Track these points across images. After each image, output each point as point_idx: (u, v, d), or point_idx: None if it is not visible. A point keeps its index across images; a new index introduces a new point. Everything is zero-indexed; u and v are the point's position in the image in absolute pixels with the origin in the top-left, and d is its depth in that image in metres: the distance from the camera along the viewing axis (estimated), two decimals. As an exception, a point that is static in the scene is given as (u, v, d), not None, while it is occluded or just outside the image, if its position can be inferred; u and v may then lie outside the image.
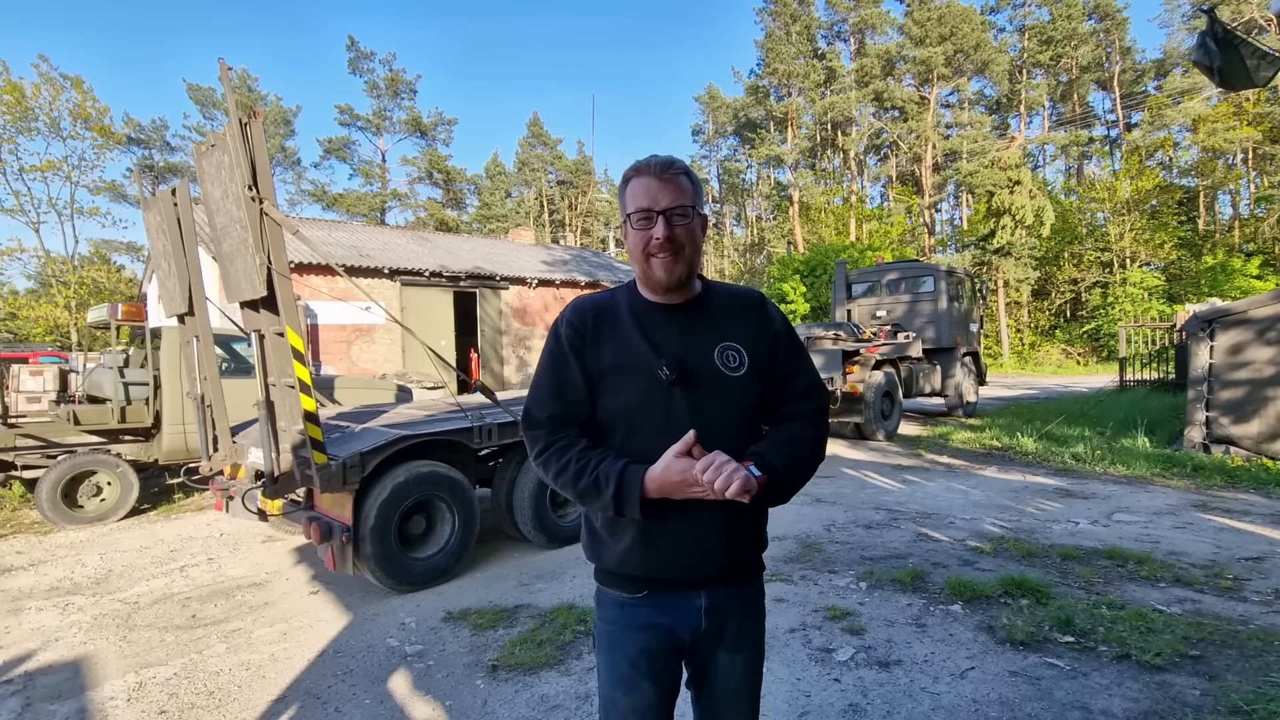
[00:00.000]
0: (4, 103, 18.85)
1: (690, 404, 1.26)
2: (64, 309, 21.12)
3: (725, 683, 1.37)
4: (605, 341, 1.32)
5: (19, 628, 3.85)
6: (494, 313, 16.58)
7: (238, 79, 38.29)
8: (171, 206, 4.63)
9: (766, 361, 1.34)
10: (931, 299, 11.83)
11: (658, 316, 1.33)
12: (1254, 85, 4.51)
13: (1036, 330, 32.03)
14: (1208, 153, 31.39)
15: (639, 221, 1.27)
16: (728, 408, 1.30)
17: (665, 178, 1.26)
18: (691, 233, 1.28)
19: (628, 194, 1.30)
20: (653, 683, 1.33)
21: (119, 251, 34.87)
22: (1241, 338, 7.17)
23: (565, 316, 1.37)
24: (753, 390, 1.32)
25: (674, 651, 1.36)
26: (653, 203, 1.25)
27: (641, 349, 1.29)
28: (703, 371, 1.28)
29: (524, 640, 3.32)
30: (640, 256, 1.29)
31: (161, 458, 6.67)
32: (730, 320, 1.35)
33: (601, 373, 1.31)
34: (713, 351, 1.30)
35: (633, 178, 1.30)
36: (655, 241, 1.25)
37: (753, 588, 1.42)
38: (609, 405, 1.31)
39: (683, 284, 1.31)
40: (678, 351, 1.28)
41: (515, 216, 46.78)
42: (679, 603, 1.32)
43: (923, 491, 6.53)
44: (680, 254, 1.27)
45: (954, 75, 36.32)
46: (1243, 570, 4.06)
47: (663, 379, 1.25)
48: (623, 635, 1.35)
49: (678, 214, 1.26)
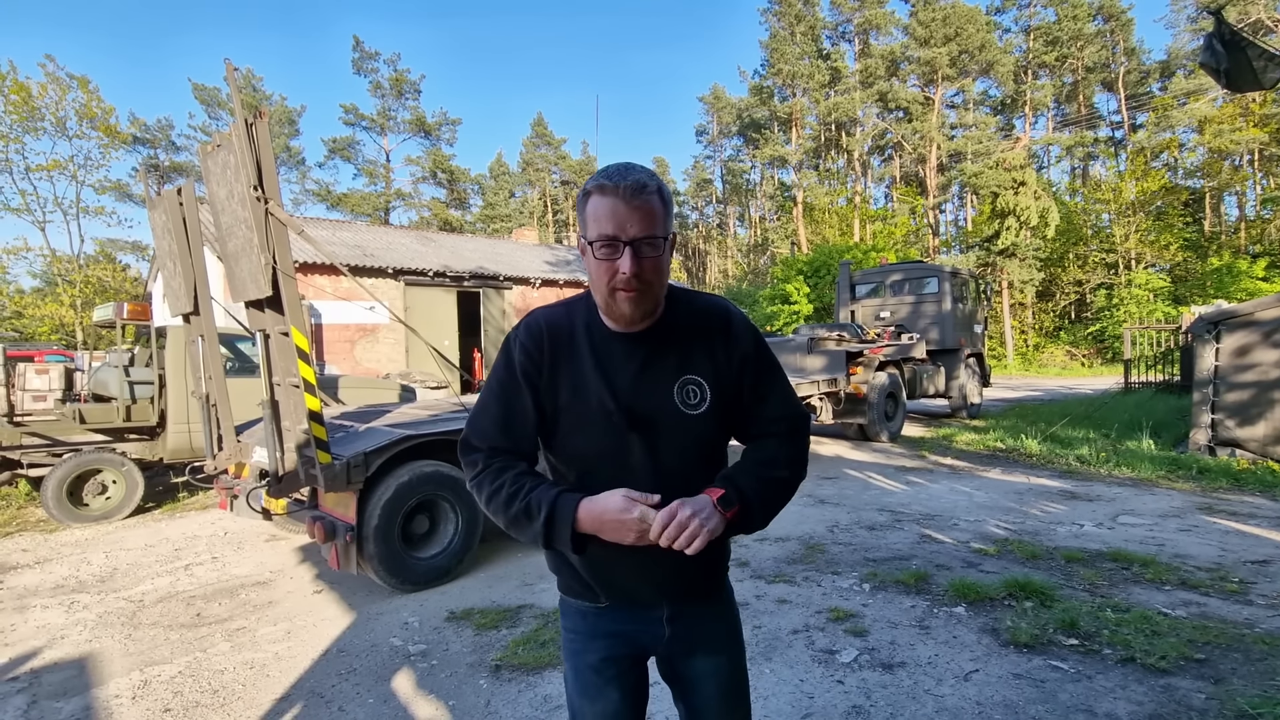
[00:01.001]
0: (11, 103, 18.94)
1: (647, 447, 1.20)
2: (69, 308, 21.21)
3: (711, 689, 1.33)
4: (561, 373, 1.22)
5: (25, 625, 3.86)
6: (497, 313, 16.60)
7: (243, 79, 38.41)
8: (177, 206, 4.64)
9: (733, 389, 1.26)
10: (935, 300, 11.81)
11: (617, 349, 1.22)
12: (1261, 87, 4.49)
13: (1041, 332, 31.92)
14: (1214, 154, 31.25)
15: (602, 250, 1.11)
16: (686, 445, 1.22)
17: (635, 204, 1.09)
18: (659, 265, 1.14)
19: (589, 213, 1.13)
20: (618, 689, 1.30)
21: (124, 251, 35.06)
22: (1247, 340, 7.14)
23: (519, 337, 1.25)
24: (714, 424, 1.24)
25: (638, 659, 1.33)
26: (619, 230, 1.09)
27: (597, 389, 1.19)
28: (660, 412, 1.20)
29: (527, 640, 3.33)
30: (603, 289, 1.15)
31: (166, 456, 6.70)
32: (694, 348, 1.24)
33: (556, 410, 1.22)
34: (672, 388, 1.21)
35: (595, 195, 1.12)
36: (621, 277, 1.11)
37: (718, 596, 1.37)
38: (563, 444, 1.24)
39: (647, 317, 1.21)
40: (634, 393, 1.20)
41: (519, 216, 46.85)
42: (640, 614, 1.29)
43: (926, 493, 6.51)
44: (648, 289, 1.14)
45: (959, 76, 36.23)
46: (1248, 573, 4.04)
47: (616, 425, 1.18)
48: (585, 643, 1.32)
49: (647, 244, 1.11)
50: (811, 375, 9.33)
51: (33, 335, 22.35)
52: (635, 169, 1.13)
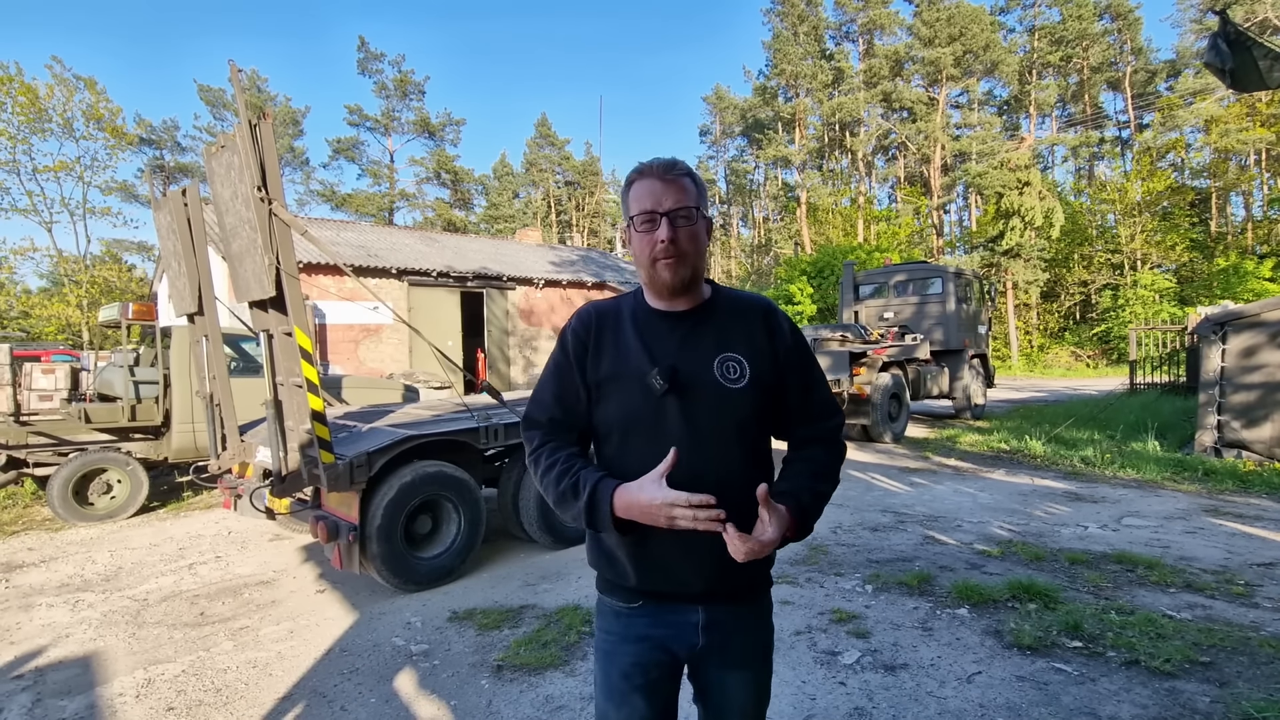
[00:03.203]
0: (19, 104, 19.04)
1: (684, 415, 1.24)
2: (76, 308, 21.30)
3: (729, 701, 1.33)
4: (606, 349, 1.31)
5: (30, 624, 3.88)
6: (501, 313, 16.62)
7: (248, 80, 38.56)
8: (182, 207, 4.66)
9: (771, 375, 1.30)
10: (939, 301, 11.78)
11: (660, 325, 1.31)
12: (1266, 87, 4.46)
13: (1045, 333, 31.81)
14: (1220, 154, 31.10)
15: (642, 224, 1.25)
16: (724, 420, 1.26)
17: (668, 179, 1.24)
18: (695, 235, 1.26)
19: (631, 197, 1.28)
20: (644, 697, 1.30)
21: (130, 251, 35.22)
22: (1254, 341, 7.10)
23: (571, 324, 1.37)
24: (752, 403, 1.27)
25: (668, 666, 1.32)
26: (656, 204, 1.23)
27: (638, 357, 1.27)
28: (699, 381, 1.25)
29: (529, 641, 3.33)
30: (645, 260, 1.27)
31: (171, 456, 6.73)
32: (735, 329, 1.31)
33: (599, 381, 1.31)
34: (713, 362, 1.27)
35: (636, 180, 1.28)
36: (660, 245, 1.23)
37: (757, 606, 1.37)
38: (605, 412, 1.31)
39: (688, 288, 1.29)
40: (674, 360, 1.26)
41: (522, 217, 46.94)
42: (674, 617, 1.29)
43: (930, 494, 6.49)
44: (685, 257, 1.25)
45: (963, 76, 36.15)
46: (1254, 576, 4.02)
47: (656, 388, 1.23)
48: (617, 646, 1.32)
49: (681, 215, 1.24)
50: (815, 376, 9.30)
51: (39, 335, 22.45)
52: (671, 157, 1.29)
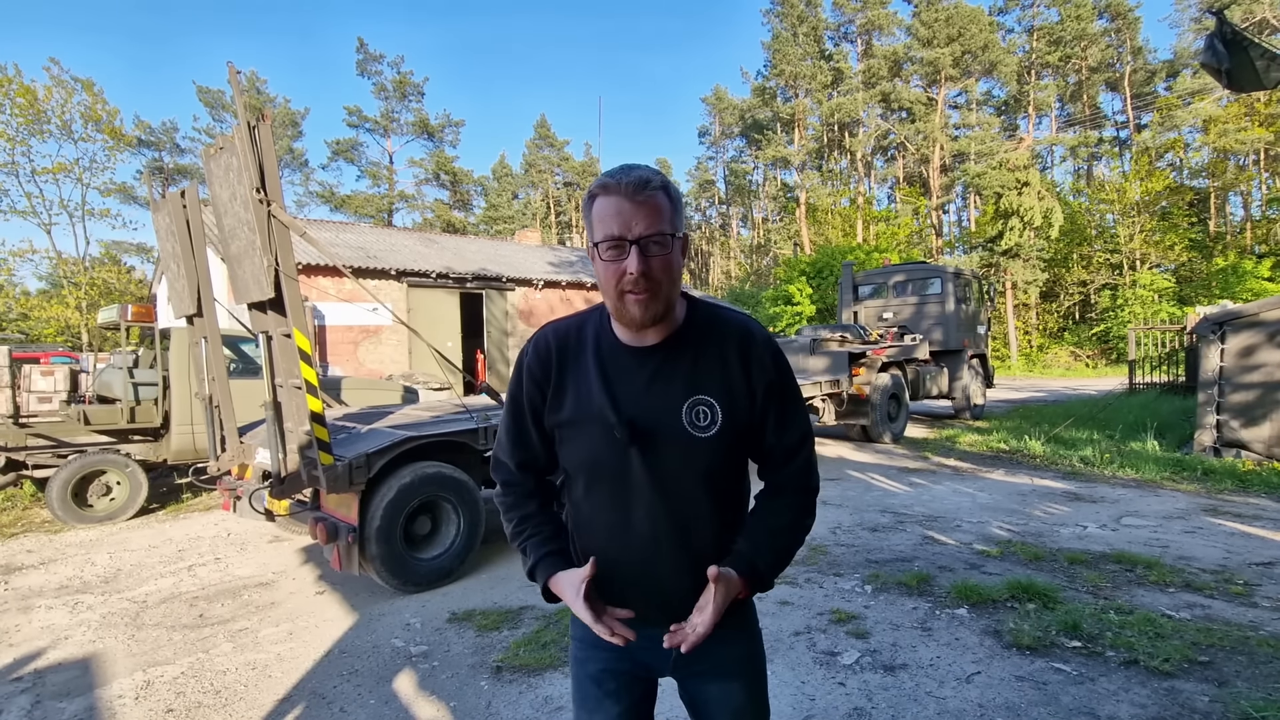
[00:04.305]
0: (17, 106, 19.03)
1: (648, 466, 1.15)
2: (75, 310, 21.27)
3: (717, 714, 1.29)
4: (567, 389, 1.21)
5: (29, 626, 3.88)
6: (500, 314, 16.62)
7: (246, 82, 38.57)
8: (181, 209, 4.66)
9: (746, 415, 1.19)
10: (939, 301, 11.79)
11: (625, 361, 1.18)
12: (1263, 87, 4.47)
13: (1045, 332, 31.84)
14: (1219, 154, 31.14)
15: (608, 251, 1.07)
16: (691, 469, 1.17)
17: (639, 200, 1.05)
18: (669, 264, 1.09)
19: (595, 216, 1.09)
20: (616, 703, 1.27)
21: (129, 253, 35.22)
22: (1253, 340, 7.10)
23: (527, 355, 1.25)
24: (723, 451, 1.17)
25: (638, 675, 1.30)
26: (625, 230, 1.05)
27: (600, 402, 1.16)
28: (665, 431, 1.14)
29: (528, 641, 3.33)
30: (612, 292, 1.10)
31: (170, 458, 6.72)
32: (709, 366, 1.18)
33: (559, 424, 1.22)
34: (681, 407, 1.15)
35: (599, 196, 1.08)
36: (629, 278, 1.06)
37: (735, 617, 1.23)
38: (568, 455, 1.24)
39: (659, 321, 1.14)
40: (638, 407, 1.15)
41: (522, 218, 46.95)
42: (644, 632, 1.19)
43: (929, 494, 6.50)
44: (657, 290, 1.09)
45: (962, 76, 36.18)
46: (1253, 575, 4.02)
47: (618, 438, 1.14)
48: (588, 652, 1.30)
49: (655, 242, 1.06)
50: (814, 376, 9.32)
51: (38, 337, 22.44)
52: (638, 167, 1.09)
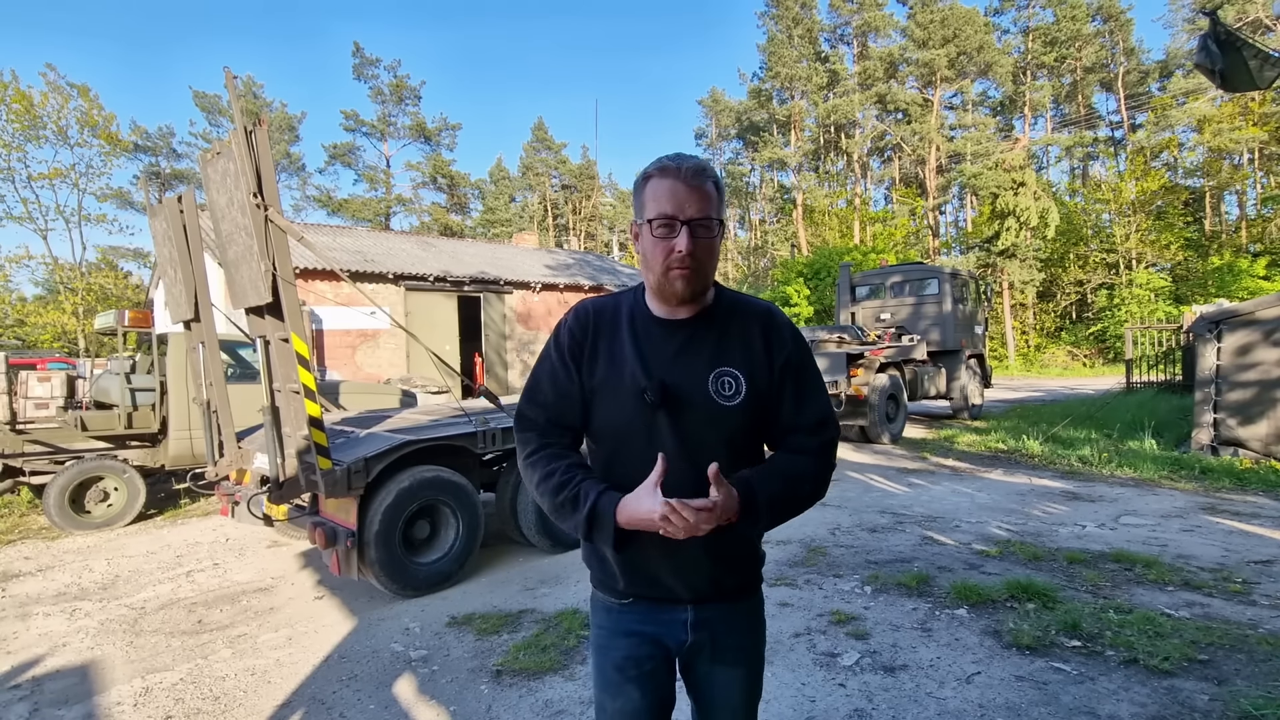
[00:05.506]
0: (13, 112, 19.01)
1: (675, 430, 1.21)
2: (71, 315, 21.24)
3: (721, 699, 1.36)
4: (601, 355, 1.28)
5: (27, 633, 3.87)
6: (498, 317, 16.62)
7: (243, 86, 38.55)
8: (178, 213, 4.66)
9: (767, 388, 1.26)
10: (936, 301, 11.81)
11: (657, 333, 1.27)
12: (1256, 87, 4.49)
13: (1042, 332, 31.91)
14: (1214, 153, 31.24)
15: (659, 229, 1.18)
16: (715, 436, 1.23)
17: (694, 184, 1.17)
18: (713, 248, 1.21)
19: (648, 194, 1.19)
20: (639, 688, 1.30)
21: (126, 258, 35.10)
22: (1249, 339, 7.13)
23: (567, 322, 1.33)
24: (746, 420, 1.25)
25: (661, 660, 1.33)
26: (678, 210, 1.16)
27: (632, 368, 1.24)
28: (692, 397, 1.22)
29: (528, 645, 3.32)
30: (658, 267, 1.20)
31: (168, 463, 6.70)
32: (734, 340, 1.27)
33: (594, 388, 1.28)
34: (708, 377, 1.23)
35: (656, 177, 1.19)
36: (677, 255, 1.17)
37: (747, 605, 1.38)
38: (597, 418, 1.29)
39: (696, 297, 1.25)
40: (668, 374, 1.23)
41: (519, 221, 46.91)
42: (664, 615, 1.30)
43: (928, 495, 6.50)
44: (701, 270, 1.20)
45: (957, 77, 36.25)
46: (1252, 574, 4.03)
47: (647, 401, 1.20)
48: (610, 640, 1.34)
49: (702, 226, 1.17)
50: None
51: (35, 343, 22.37)
52: (693, 156, 1.20)
